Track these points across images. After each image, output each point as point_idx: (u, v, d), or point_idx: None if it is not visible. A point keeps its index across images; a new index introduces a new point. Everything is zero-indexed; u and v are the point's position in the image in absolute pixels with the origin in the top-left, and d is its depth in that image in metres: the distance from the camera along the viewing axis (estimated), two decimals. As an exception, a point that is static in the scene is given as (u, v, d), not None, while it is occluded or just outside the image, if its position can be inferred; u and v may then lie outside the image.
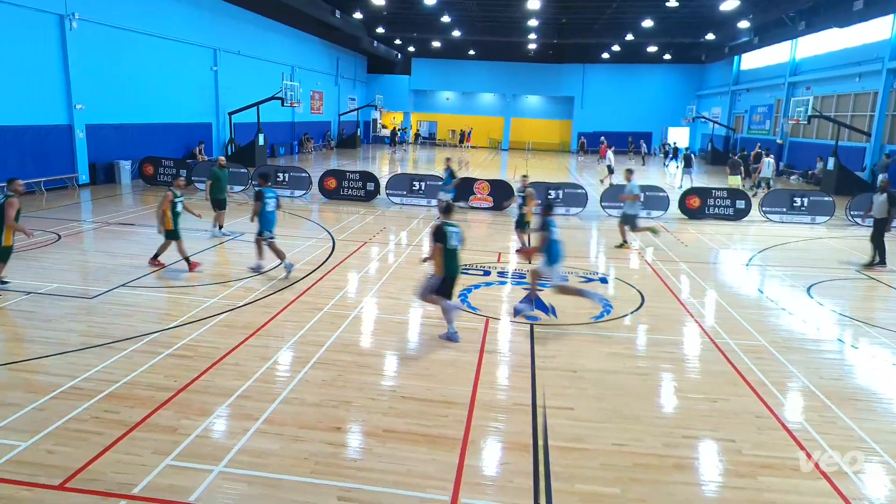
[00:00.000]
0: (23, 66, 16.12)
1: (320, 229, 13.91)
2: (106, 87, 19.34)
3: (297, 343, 7.15)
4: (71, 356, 6.51)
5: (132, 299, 8.49)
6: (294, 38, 33.40)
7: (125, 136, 20.60)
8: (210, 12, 24.76)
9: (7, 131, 15.99)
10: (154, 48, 21.57)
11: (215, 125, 26.92)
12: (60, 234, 12.14)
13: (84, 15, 17.98)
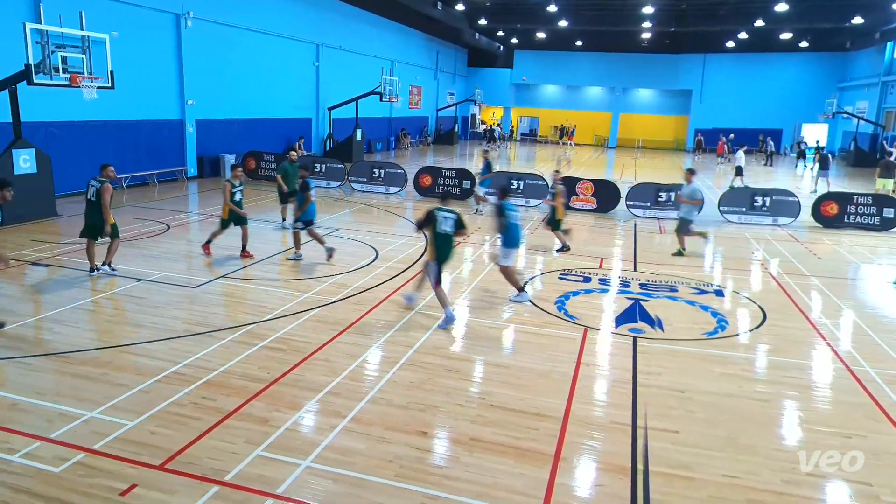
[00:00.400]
0: (143, 63, 17.74)
1: (411, 226, 14.20)
2: (214, 83, 20.86)
3: (387, 342, 7.35)
4: (174, 342, 7.09)
5: (231, 290, 9.11)
6: (394, 32, 34.33)
7: (230, 130, 22.12)
8: (314, 8, 26.03)
9: (126, 126, 17.67)
10: (260, 44, 23.00)
11: (315, 120, 28.24)
12: (169, 225, 13.23)
13: (198, 14, 19.51)
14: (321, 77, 27.76)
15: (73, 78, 11.94)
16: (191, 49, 19.57)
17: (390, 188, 19.19)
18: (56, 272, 9.67)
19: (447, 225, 8.03)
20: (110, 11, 16.01)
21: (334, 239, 12.72)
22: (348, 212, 16.27)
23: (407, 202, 18.16)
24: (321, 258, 10.89)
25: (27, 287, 9.03)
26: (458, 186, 18.52)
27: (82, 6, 12.88)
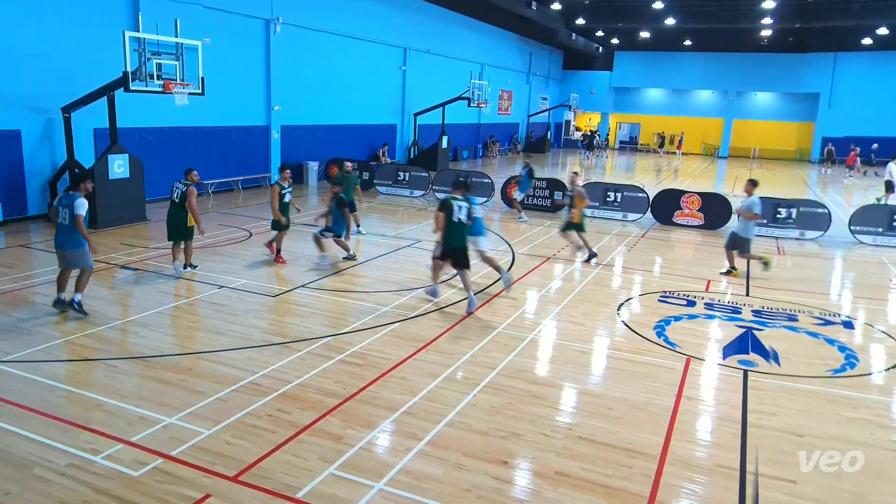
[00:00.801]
0: (232, 70, 18.86)
1: (499, 240, 14.19)
2: (300, 89, 21.85)
3: (467, 363, 7.36)
4: (252, 351, 7.43)
5: (310, 301, 9.45)
6: (485, 34, 34.66)
7: (314, 137, 23.06)
8: (402, 10, 26.75)
9: (214, 132, 18.83)
10: (346, 49, 23.89)
11: (400, 127, 28.91)
12: (252, 232, 13.92)
13: (286, 19, 20.56)
14: (407, 82, 28.40)
15: (167, 84, 12.87)
16: (278, 55, 20.62)
17: (476, 199, 19.21)
18: (143, 276, 10.39)
19: (462, 214, 9.14)
20: (203, 18, 17.16)
21: (414, 251, 12.92)
22: (431, 223, 16.43)
23: (493, 214, 18.16)
24: (399, 272, 11.08)
25: (116, 290, 9.75)
26: (549, 198, 18.35)
27: (178, 14, 13.89)
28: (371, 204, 18.94)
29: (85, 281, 8.47)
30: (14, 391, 6.20)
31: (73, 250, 8.32)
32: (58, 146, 14.48)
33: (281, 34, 20.51)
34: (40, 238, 12.74)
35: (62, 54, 14.22)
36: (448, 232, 9.13)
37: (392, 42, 26.74)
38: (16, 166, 13.79)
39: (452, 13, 30.29)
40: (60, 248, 8.39)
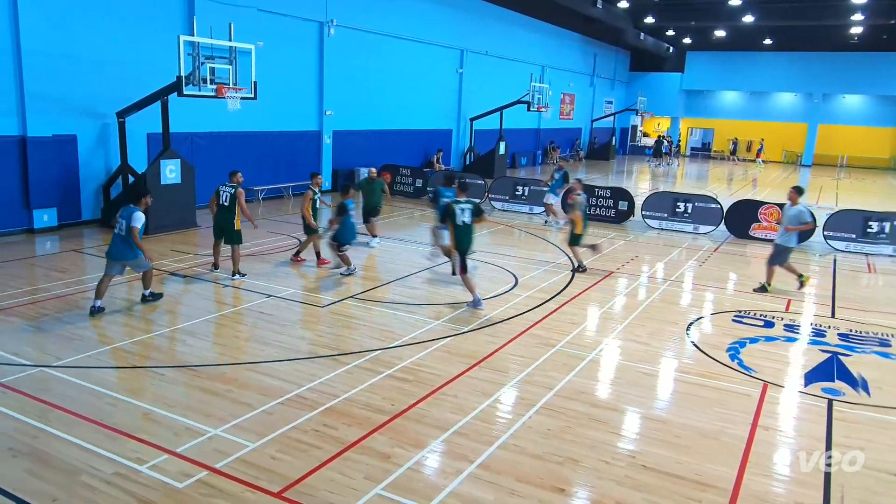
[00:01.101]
0: (284, 74, 19.38)
1: (560, 252, 14.06)
2: (353, 93, 22.26)
3: (523, 382, 7.30)
4: (299, 364, 7.56)
5: (359, 312, 9.56)
6: (546, 35, 34.56)
7: (367, 142, 23.42)
8: (459, 11, 26.97)
9: (265, 137, 19.35)
10: (401, 51, 24.23)
11: (455, 132, 29.06)
12: (301, 240, 14.21)
13: (340, 21, 21.02)
14: (464, 85, 28.56)
15: (220, 89, 13.33)
16: (332, 58, 21.08)
17: (535, 208, 19.18)
18: (192, 283, 10.74)
19: (465, 216, 9.70)
20: (257, 21, 17.71)
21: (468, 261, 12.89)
22: (486, 233, 16.46)
23: (552, 224, 18.03)
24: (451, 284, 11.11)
25: (165, 297, 10.10)
26: (614, 208, 18.09)
27: (232, 17, 14.40)
28: (423, 212, 19.07)
29: (149, 278, 9.51)
30: (64, 396, 6.48)
31: (131, 261, 9.15)
32: (112, 151, 15.16)
33: (335, 37, 20.97)
34: (93, 243, 13.34)
35: (119, 59, 14.91)
36: (458, 238, 9.76)
37: (448, 44, 26.96)
38: (71, 171, 14.50)
39: (512, 13, 30.34)
40: (115, 258, 9.06)
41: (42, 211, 13.93)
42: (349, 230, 11.34)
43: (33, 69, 13.35)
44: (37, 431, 5.80)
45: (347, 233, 11.31)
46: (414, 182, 21.60)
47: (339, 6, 20.84)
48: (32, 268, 11.50)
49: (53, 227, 14.11)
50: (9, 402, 6.29)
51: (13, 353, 7.50)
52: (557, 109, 37.36)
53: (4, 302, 9.30)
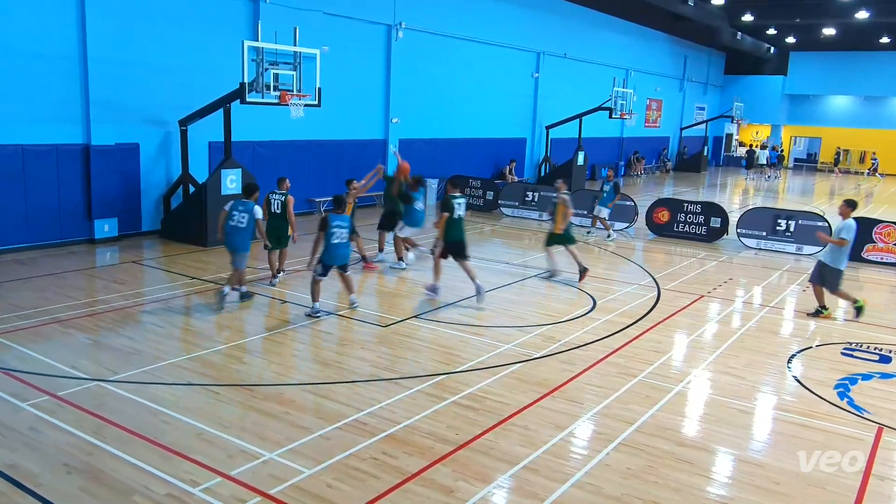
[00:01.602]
0: (349, 80, 19.85)
1: (643, 273, 13.80)
2: (420, 99, 22.58)
3: (600, 414, 7.16)
4: (359, 387, 7.66)
5: (423, 333, 9.62)
6: (631, 36, 34.20)
7: (435, 152, 23.67)
8: (536, 10, 27.01)
9: (329, 146, 19.83)
10: (473, 55, 24.44)
11: (530, 141, 29.02)
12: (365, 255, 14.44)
13: (409, 24, 21.41)
14: (540, 90, 28.53)
15: (283, 95, 13.77)
16: (399, 63, 21.47)
17: (616, 223, 18.90)
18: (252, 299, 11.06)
19: (461, 210, 11.17)
20: (323, 26, 18.25)
21: (542, 282, 12.81)
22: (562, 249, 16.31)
23: (636, 241, 17.72)
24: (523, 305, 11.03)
25: (223, 312, 10.43)
26: (705, 225, 17.62)
27: (297, 21, 14.87)
28: (494, 227, 19.08)
29: (242, 276, 10.69)
30: (120, 412, 6.78)
31: (243, 252, 10.50)
32: (173, 160, 15.87)
33: (403, 40, 21.35)
34: (152, 255, 13.95)
35: (183, 66, 15.65)
36: (449, 228, 11.08)
37: (524, 46, 27.01)
38: (133, 180, 15.25)
39: (594, 12, 30.17)
40: (234, 249, 10.48)
41: (103, 221, 14.67)
42: (331, 251, 10.03)
43: (98, 76, 14.14)
44: (92, 448, 6.07)
45: (332, 255, 10.05)
46: (484, 194, 21.66)
47: (408, 8, 21.24)
48: (92, 279, 12.11)
49: (114, 238, 14.84)
50: (65, 416, 6.62)
51: (71, 365, 7.90)
52: (642, 116, 36.79)
53: (64, 313, 9.82)
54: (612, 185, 17.60)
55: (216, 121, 14.82)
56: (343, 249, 10.08)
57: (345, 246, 10.10)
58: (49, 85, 13.57)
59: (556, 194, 13.33)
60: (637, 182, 33.90)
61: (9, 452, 5.90)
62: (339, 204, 10.38)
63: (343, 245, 10.04)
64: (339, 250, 10.03)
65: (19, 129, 13.23)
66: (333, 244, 9.92)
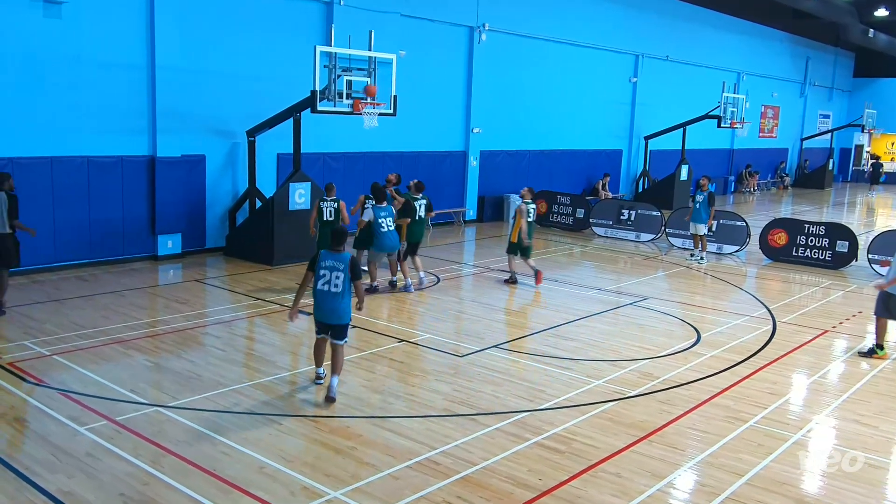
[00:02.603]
0: (429, 86, 20.16)
1: (757, 304, 13.39)
2: (504, 107, 22.70)
3: (704, 463, 6.95)
4: (432, 422, 7.68)
5: (503, 365, 9.58)
6: (743, 35, 33.49)
7: (519, 164, 23.71)
8: (633, 9, 26.80)
9: (405, 158, 20.14)
10: (563, 58, 24.43)
11: (626, 153, 28.68)
12: (440, 277, 14.56)
13: (493, 25, 21.60)
14: (638, 97, 28.22)
15: (356, 104, 14.09)
16: (481, 68, 21.67)
17: (724, 246, 18.40)
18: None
19: (422, 210, 13.28)
20: (400, 29, 18.65)
21: (638, 310, 12.57)
22: (662, 275, 16.01)
23: (747, 266, 17.21)
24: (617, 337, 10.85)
25: (287, 336, 10.69)
26: (830, 249, 16.94)
27: (373, 24, 15.25)
28: (585, 248, 18.90)
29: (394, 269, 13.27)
30: (178, 442, 7.01)
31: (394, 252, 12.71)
32: (240, 173, 16.47)
33: (486, 43, 21.55)
34: (216, 273, 14.46)
35: (251, 74, 16.27)
36: (411, 228, 13.03)
37: (620, 48, 26.82)
38: (198, 194, 15.89)
39: (701, 9, 29.73)
40: (390, 248, 12.61)
41: (166, 237, 15.33)
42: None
43: (166, 85, 14.85)
44: (148, 478, 6.30)
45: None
46: (574, 212, 21.52)
47: (492, 8, 21.46)
48: (154, 298, 12.65)
49: (177, 255, 15.47)
50: (123, 443, 6.90)
51: (130, 389, 8.24)
52: (756, 125, 35.89)
53: (124, 333, 10.28)
54: (706, 195, 17.01)
55: (285, 131, 15.31)
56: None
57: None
58: (117, 94, 14.35)
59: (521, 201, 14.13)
60: (749, 200, 33.01)
61: (65, 479, 6.19)
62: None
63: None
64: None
65: (86, 140, 14.02)
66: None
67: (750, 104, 29.30)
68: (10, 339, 9.78)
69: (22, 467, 6.35)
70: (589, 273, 15.93)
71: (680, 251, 18.62)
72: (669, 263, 17.18)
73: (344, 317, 8.13)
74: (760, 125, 36.86)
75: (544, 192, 22.31)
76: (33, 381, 8.37)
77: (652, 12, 27.68)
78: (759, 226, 18.79)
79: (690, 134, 27.99)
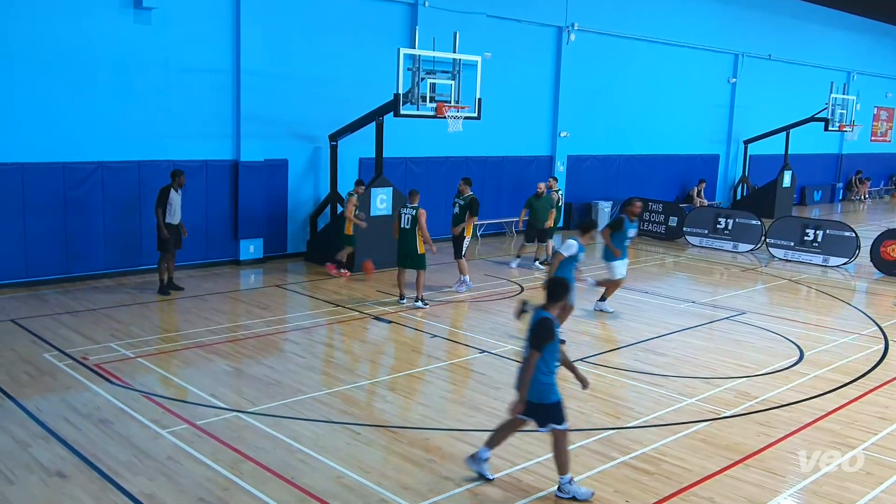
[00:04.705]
0: (515, 89, 20.15)
1: (867, 321, 12.85)
2: (593, 110, 22.50)
3: (807, 491, 6.72)
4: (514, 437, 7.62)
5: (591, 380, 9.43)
6: (854, 31, 32.26)
7: (608, 170, 23.43)
8: (733, 6, 26.16)
9: (489, 163, 20.20)
10: (655, 58, 24.03)
11: (723, 158, 27.99)
12: (523, 286, 14.51)
13: (583, 24, 21.44)
14: (737, 98, 27.55)
15: (440, 107, 14.20)
16: (570, 69, 21.54)
17: (831, 258, 17.73)
18: (397, 330, 11.42)
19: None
20: (485, 30, 18.71)
21: (735, 325, 12.23)
22: (762, 287, 15.54)
23: (857, 281, 16.54)
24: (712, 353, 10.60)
25: (367, 344, 10.83)
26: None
27: (458, 26, 15.36)
28: (678, 259, 18.51)
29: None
30: (257, 447, 7.20)
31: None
32: (322, 178, 16.83)
33: (574, 43, 21.40)
34: (296, 279, 14.80)
35: (334, 77, 16.62)
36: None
37: (718, 47, 26.21)
38: (280, 199, 16.31)
39: (806, 4, 28.80)
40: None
41: (249, 241, 15.79)
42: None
43: (250, 90, 15.33)
44: (227, 483, 6.49)
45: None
46: (667, 220, 21.11)
47: (581, 6, 21.31)
48: (235, 303, 13.04)
49: (258, 260, 15.92)
50: (203, 447, 7.13)
51: (211, 393, 8.52)
52: (868, 129, 34.53)
53: (206, 338, 10.63)
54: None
55: (367, 135, 15.58)
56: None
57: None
58: (202, 99, 14.91)
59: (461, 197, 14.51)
60: (859, 208, 31.72)
61: (147, 481, 6.44)
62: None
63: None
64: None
65: (172, 145, 14.62)
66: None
67: (861, 106, 28.20)
68: (97, 341, 10.26)
69: (106, 468, 6.64)
70: (682, 285, 15.59)
71: (782, 262, 18.02)
72: (770, 276, 16.66)
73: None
74: (873, 128, 35.52)
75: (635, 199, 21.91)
76: (118, 382, 8.75)
77: (753, 8, 26.95)
78: (870, 237, 18.03)
79: (794, 138, 27.13)
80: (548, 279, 7.08)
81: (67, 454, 6.91)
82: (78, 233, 13.68)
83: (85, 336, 10.49)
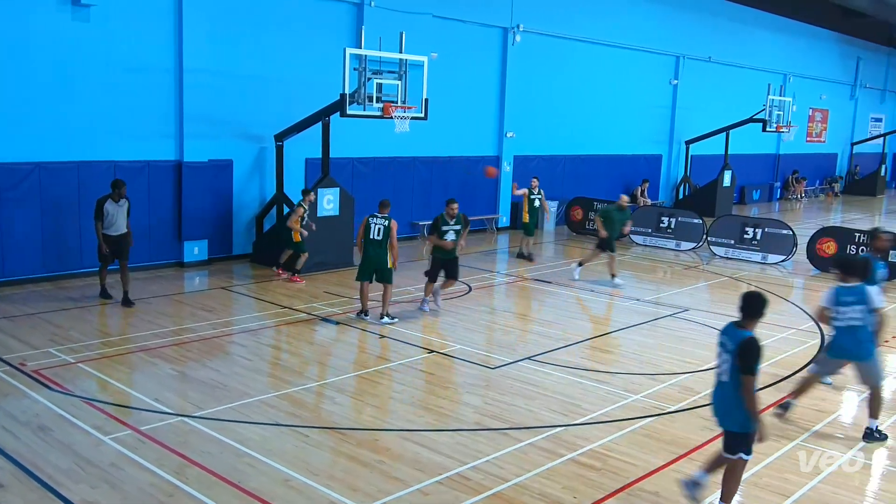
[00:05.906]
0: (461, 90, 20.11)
1: (804, 316, 13.18)
2: (539, 111, 22.65)
3: (749, 484, 6.84)
4: (462, 436, 7.66)
5: (537, 377, 9.53)
6: (790, 35, 33.10)
7: (553, 170, 23.59)
8: (674, 8, 26.59)
9: (436, 163, 20.18)
10: (599, 60, 24.32)
11: (666, 158, 28.45)
12: (471, 286, 14.54)
13: (528, 26, 21.58)
14: (679, 100, 28.01)
15: (386, 108, 14.17)
16: (515, 70, 21.65)
17: (769, 256, 18.16)
18: (346, 331, 11.35)
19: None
20: (431, 30, 18.68)
21: (678, 322, 12.45)
22: (704, 285, 15.83)
23: (794, 277, 16.96)
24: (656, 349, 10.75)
25: (315, 346, 10.74)
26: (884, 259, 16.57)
27: (404, 26, 15.31)
28: (622, 257, 18.75)
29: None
30: (203, 452, 7.07)
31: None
32: (267, 178, 16.61)
33: (520, 45, 21.53)
34: (243, 280, 14.60)
35: (280, 76, 16.42)
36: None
37: (660, 49, 26.64)
38: (224, 200, 16.06)
39: (745, 8, 29.44)
40: None
41: (193, 243, 15.51)
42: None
43: (193, 89, 15.04)
44: (172, 489, 6.37)
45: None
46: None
47: (527, 8, 21.42)
48: (179, 305, 12.79)
49: (203, 262, 15.64)
50: (147, 453, 6.98)
51: (155, 398, 8.34)
52: (804, 129, 35.39)
53: (150, 342, 10.41)
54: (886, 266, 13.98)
55: (314, 136, 15.42)
56: None
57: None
58: (144, 98, 14.58)
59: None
60: (796, 207, 32.55)
61: (89, 489, 6.28)
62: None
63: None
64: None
65: (113, 145, 14.25)
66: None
67: (797, 107, 28.92)
68: (35, 346, 9.96)
69: (46, 476, 6.46)
70: (626, 283, 15.80)
71: (723, 261, 18.40)
72: (711, 273, 16.97)
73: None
74: (808, 129, 36.37)
75: (580, 199, 22.20)
76: (58, 388, 8.51)
77: (693, 11, 27.46)
78: (806, 234, 18.50)
79: (734, 138, 27.70)
80: (745, 292, 6.62)
81: (5, 463, 6.69)
82: (14, 235, 13.25)
83: (22, 341, 10.18)
